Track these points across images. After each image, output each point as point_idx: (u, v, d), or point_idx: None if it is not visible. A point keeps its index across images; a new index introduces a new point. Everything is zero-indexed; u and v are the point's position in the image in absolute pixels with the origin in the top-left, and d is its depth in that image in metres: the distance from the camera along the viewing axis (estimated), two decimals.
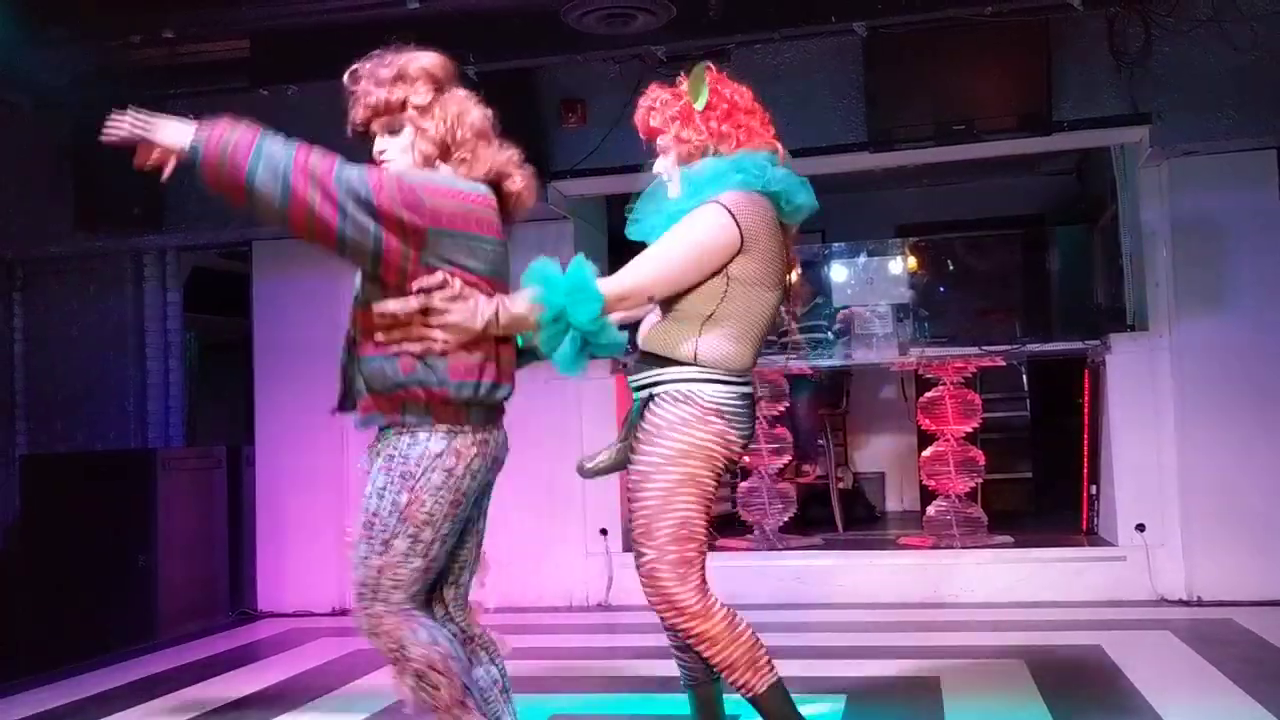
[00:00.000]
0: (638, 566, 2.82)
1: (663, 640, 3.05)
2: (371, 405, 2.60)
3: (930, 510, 6.34)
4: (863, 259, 8.31)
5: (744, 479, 6.47)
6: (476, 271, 2.63)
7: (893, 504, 8.20)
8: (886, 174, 7.11)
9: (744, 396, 2.81)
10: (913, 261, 8.39)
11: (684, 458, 2.74)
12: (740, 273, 2.79)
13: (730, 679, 2.77)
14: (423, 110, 2.67)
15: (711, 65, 2.99)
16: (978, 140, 5.51)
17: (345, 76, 2.73)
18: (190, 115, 2.44)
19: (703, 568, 2.80)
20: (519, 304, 2.64)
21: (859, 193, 8.04)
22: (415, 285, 2.51)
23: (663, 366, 2.81)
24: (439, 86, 2.71)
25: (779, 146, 3.00)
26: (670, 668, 3.13)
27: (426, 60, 2.71)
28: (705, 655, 2.77)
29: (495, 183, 2.79)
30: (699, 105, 2.93)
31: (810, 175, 3.08)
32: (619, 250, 7.24)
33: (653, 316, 2.90)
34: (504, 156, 2.81)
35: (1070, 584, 5.68)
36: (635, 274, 2.79)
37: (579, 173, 6.02)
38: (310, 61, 5.33)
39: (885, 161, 6.03)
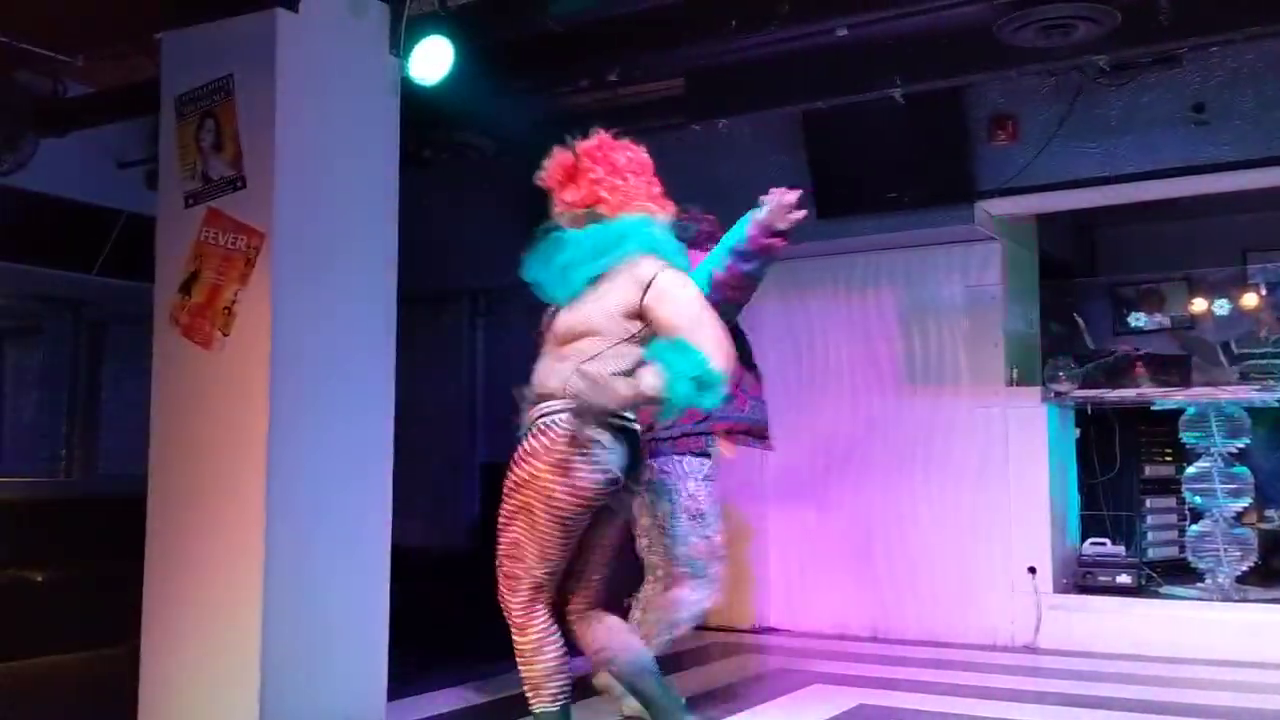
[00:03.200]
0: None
1: (1094, 689, 2.86)
2: None
3: None
4: None
5: (1195, 521, 5.93)
6: None
7: None
8: None
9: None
10: None
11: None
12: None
13: (523, 688, 3.11)
14: None
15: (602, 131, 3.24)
16: None
17: None
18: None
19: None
20: (650, 388, 2.83)
21: None
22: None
23: None
24: None
25: (658, 207, 3.20)
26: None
27: None
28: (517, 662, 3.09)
29: None
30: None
31: (1274, 186, 2.79)
32: (1050, 272, 6.94)
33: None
34: None
35: None
36: (718, 343, 2.93)
37: (1008, 191, 5.80)
38: (740, 95, 5.53)
39: None
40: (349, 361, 3.95)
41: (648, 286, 3.00)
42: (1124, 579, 5.83)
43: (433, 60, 4.28)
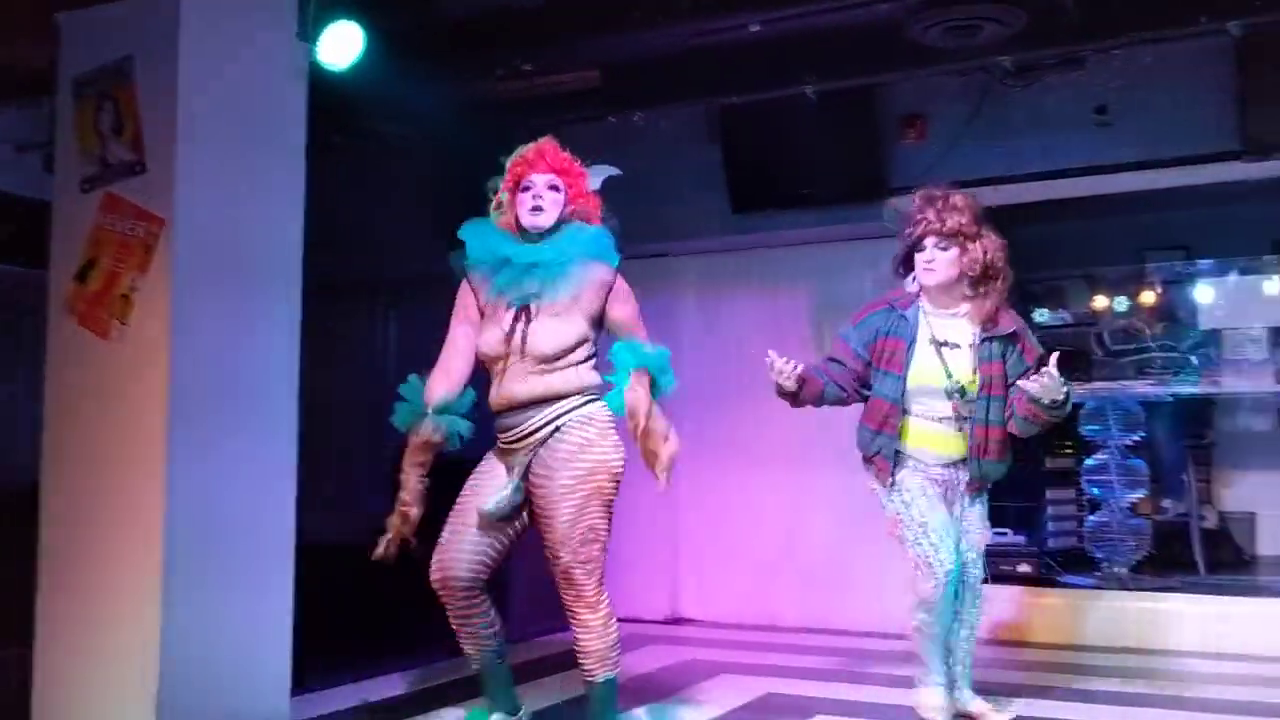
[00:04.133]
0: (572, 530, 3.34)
1: (997, 676, 2.91)
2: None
3: None
4: (1233, 277, 7.59)
5: (1093, 512, 6.09)
6: None
7: (1265, 548, 7.41)
8: (1261, 185, 6.48)
9: None
10: None
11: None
12: None
13: (584, 662, 3.44)
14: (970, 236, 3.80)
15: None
16: None
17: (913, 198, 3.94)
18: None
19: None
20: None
21: (1227, 206, 7.38)
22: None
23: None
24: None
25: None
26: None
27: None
28: (587, 620, 3.41)
29: None
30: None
31: (1173, 186, 2.88)
32: None
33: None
34: None
35: None
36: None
37: (917, 189, 5.88)
38: (656, 88, 5.54)
39: (1260, 171, 5.50)
40: (252, 352, 3.87)
41: (609, 291, 3.44)
42: (1025, 568, 5.98)
43: (342, 45, 4.21)
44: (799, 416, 6.20)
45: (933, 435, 3.95)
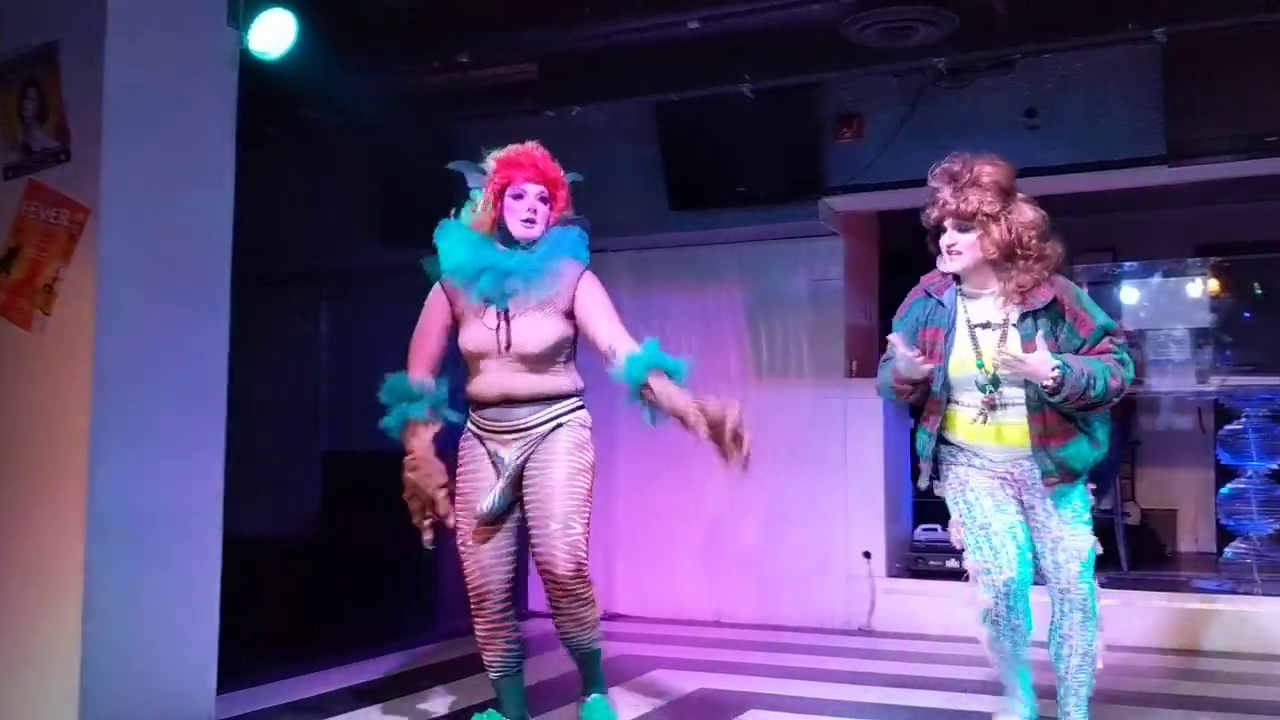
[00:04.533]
0: (570, 540, 3.45)
1: (926, 670, 2.96)
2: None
3: (1228, 552, 5.88)
4: (1157, 279, 7.77)
5: None
6: None
7: (1185, 544, 7.59)
8: (1184, 189, 6.63)
9: None
10: (1214, 283, 7.77)
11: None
12: None
13: (590, 634, 3.59)
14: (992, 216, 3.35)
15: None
16: None
17: (929, 176, 3.50)
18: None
19: None
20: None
21: (1152, 209, 7.55)
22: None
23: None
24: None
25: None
26: (931, 699, 3.02)
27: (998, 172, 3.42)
28: (581, 614, 3.52)
29: None
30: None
31: (1101, 190, 2.94)
32: (891, 267, 7.13)
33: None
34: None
35: None
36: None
37: (852, 188, 5.95)
38: (594, 82, 5.53)
39: (1184, 176, 5.62)
40: (179, 345, 3.80)
41: (578, 281, 3.51)
42: (953, 563, 6.04)
43: (274, 33, 4.16)
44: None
45: (988, 429, 3.48)
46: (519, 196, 3.48)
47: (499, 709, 3.72)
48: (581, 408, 3.61)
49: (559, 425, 3.53)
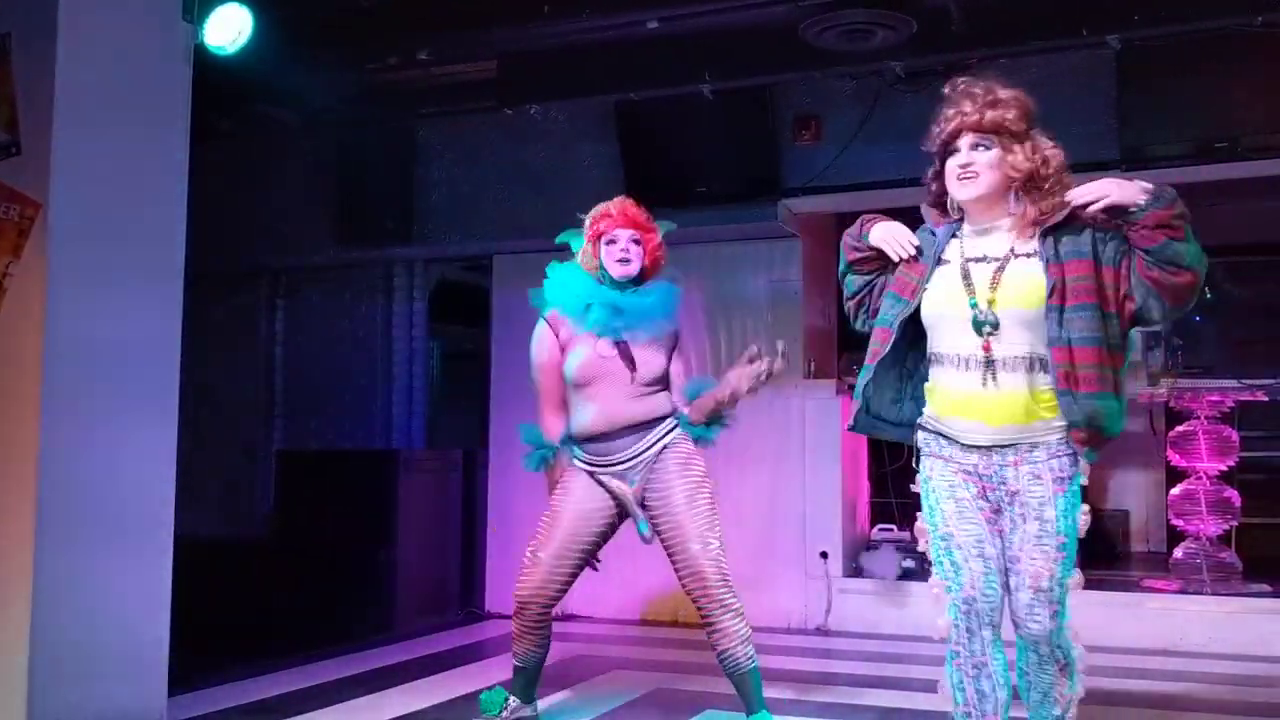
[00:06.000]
0: (712, 555, 3.69)
1: (882, 670, 2.98)
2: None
3: (1178, 552, 5.97)
4: None
5: None
6: None
7: (1137, 544, 7.70)
8: None
9: None
10: None
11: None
12: None
13: (745, 649, 3.70)
14: (1016, 135, 2.92)
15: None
16: (1241, 159, 5.16)
17: (947, 89, 3.01)
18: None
19: None
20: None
21: None
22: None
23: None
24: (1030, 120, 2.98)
25: None
26: (891, 698, 3.04)
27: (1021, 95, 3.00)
28: (731, 626, 3.67)
29: None
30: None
31: None
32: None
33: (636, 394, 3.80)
34: None
35: None
36: None
37: (810, 190, 5.98)
38: (553, 81, 5.52)
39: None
40: (131, 341, 3.74)
41: (674, 346, 3.91)
42: (909, 563, 6.11)
43: (229, 28, 4.11)
44: None
45: (967, 397, 2.83)
46: (613, 242, 3.83)
47: (507, 688, 3.92)
48: (677, 426, 3.82)
49: (665, 448, 3.77)
